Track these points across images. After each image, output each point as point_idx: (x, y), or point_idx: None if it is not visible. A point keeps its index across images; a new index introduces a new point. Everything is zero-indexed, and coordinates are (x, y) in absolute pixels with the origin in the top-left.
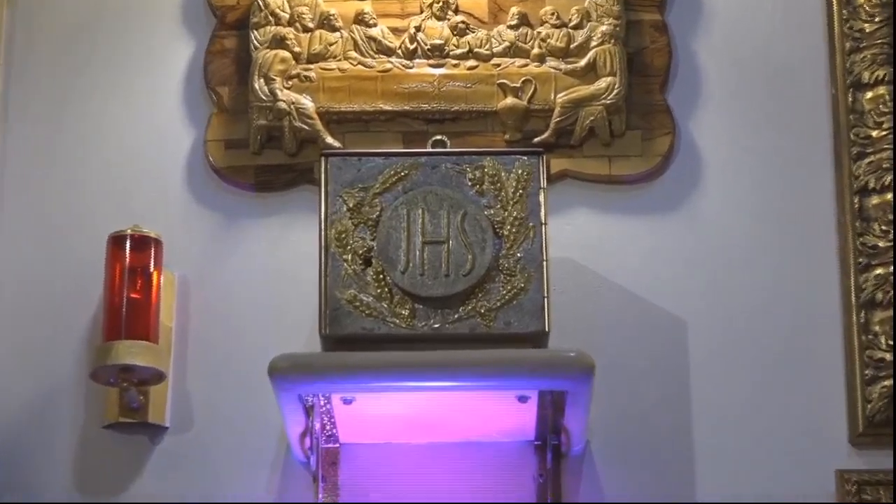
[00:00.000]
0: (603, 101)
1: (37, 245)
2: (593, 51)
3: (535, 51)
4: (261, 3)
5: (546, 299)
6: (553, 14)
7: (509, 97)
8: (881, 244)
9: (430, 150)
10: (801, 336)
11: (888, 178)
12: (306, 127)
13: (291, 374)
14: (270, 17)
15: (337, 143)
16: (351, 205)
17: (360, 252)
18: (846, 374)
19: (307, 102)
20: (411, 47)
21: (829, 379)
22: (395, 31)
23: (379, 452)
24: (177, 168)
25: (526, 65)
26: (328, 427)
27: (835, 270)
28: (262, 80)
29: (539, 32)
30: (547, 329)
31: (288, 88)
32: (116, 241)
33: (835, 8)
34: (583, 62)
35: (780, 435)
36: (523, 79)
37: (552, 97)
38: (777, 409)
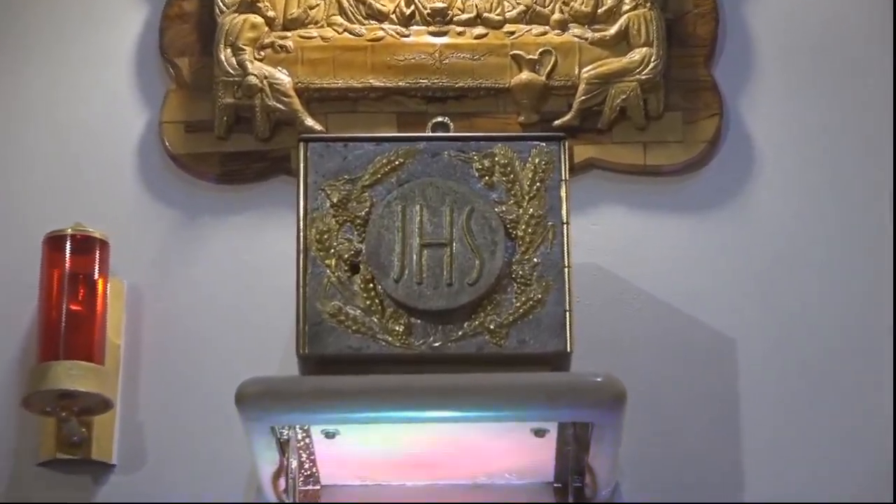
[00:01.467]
0: (637, 77)
1: None
2: (625, 16)
3: (556, 16)
4: None
5: (567, 313)
6: None
7: (525, 71)
8: None
9: (430, 134)
10: (874, 358)
11: None
12: (282, 106)
13: (263, 402)
14: None
15: (318, 126)
16: (335, 200)
17: (346, 256)
18: None
19: (283, 77)
20: (408, 11)
21: None
22: None
23: (367, 495)
24: (127, 155)
25: (545, 33)
26: (307, 465)
27: None
28: (228, 51)
29: None
30: (569, 349)
31: (260, 60)
32: (54, 242)
33: None
34: (612, 30)
35: (846, 474)
36: (541, 49)
37: (576, 72)
38: (843, 443)
